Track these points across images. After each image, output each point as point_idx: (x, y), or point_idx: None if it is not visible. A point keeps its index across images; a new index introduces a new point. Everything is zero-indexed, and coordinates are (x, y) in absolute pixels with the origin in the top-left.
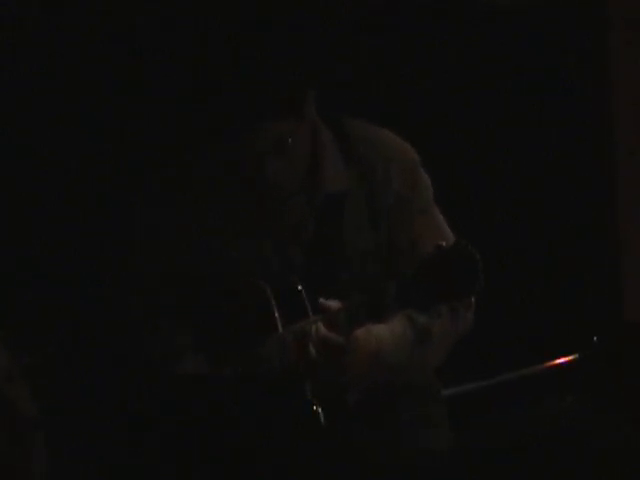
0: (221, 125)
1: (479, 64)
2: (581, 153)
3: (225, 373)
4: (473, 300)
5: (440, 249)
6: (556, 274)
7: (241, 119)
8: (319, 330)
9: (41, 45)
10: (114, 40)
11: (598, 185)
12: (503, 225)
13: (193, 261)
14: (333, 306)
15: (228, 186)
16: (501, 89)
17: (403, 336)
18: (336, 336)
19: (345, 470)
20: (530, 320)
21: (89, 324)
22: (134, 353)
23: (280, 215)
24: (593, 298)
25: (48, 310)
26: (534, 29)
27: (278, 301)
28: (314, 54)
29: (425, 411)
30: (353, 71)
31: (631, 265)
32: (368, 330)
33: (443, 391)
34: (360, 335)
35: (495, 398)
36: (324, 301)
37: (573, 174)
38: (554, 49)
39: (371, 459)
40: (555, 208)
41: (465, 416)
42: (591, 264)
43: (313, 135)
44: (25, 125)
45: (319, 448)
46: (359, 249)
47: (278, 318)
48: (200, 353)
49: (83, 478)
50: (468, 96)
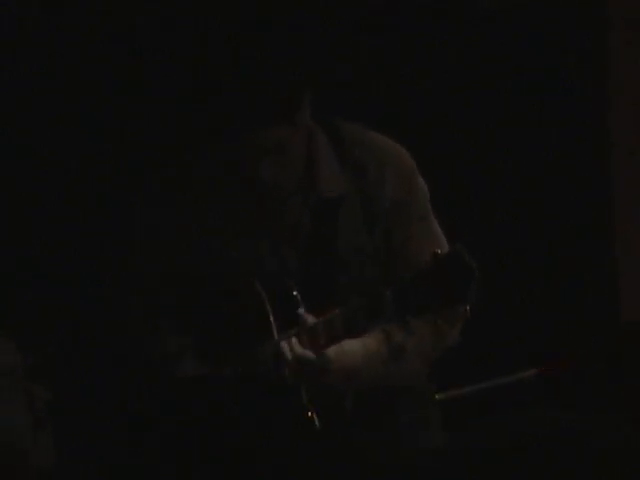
0: (221, 126)
1: (478, 64)
2: (580, 153)
3: (223, 374)
4: (467, 311)
5: (436, 256)
6: (555, 275)
7: (240, 120)
8: (293, 346)
9: (40, 45)
10: (114, 40)
11: (597, 185)
12: (501, 227)
13: (193, 261)
14: (309, 320)
15: (227, 186)
16: (500, 89)
17: (377, 353)
18: (308, 353)
19: (343, 472)
20: (528, 321)
21: (89, 324)
22: (134, 353)
23: (278, 216)
24: (592, 299)
25: (48, 310)
26: (534, 29)
27: (274, 305)
28: (311, 56)
29: (423, 413)
30: (349, 73)
31: (629, 265)
32: (341, 347)
33: (446, 392)
34: (333, 353)
35: (494, 400)
36: (304, 313)
37: (572, 174)
38: (554, 49)
39: (369, 461)
40: (554, 209)
41: (464, 418)
42: (590, 265)
43: (309, 138)
44: (25, 125)
45: (316, 451)
46: (354, 252)
47: (273, 322)
48: (198, 354)
49: (83, 478)
50: (467, 97)
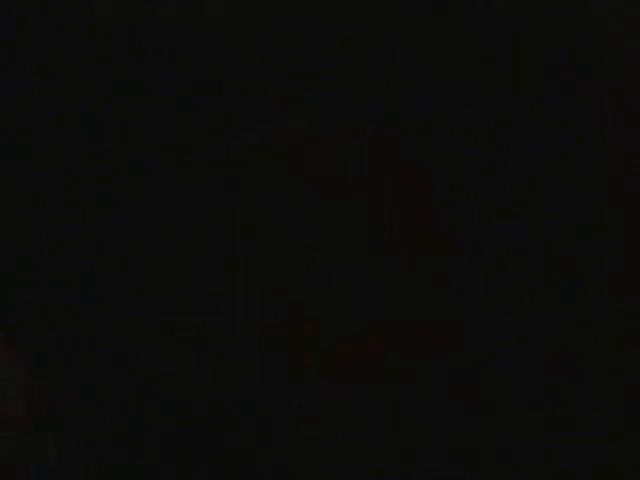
0: (221, 126)
1: (475, 62)
2: (579, 151)
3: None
4: None
5: None
6: (556, 274)
7: (241, 121)
8: None
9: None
10: (113, 40)
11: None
12: (502, 227)
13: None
14: None
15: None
16: (498, 87)
17: None
18: None
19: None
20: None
21: (89, 324)
22: (133, 352)
23: None
24: (592, 298)
25: (48, 310)
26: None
27: None
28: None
29: None
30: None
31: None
32: None
33: None
34: None
35: None
36: None
37: (572, 174)
38: (552, 48)
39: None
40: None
41: None
42: (591, 264)
43: None
44: (20, 125)
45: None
46: None
47: None
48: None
49: (84, 478)
50: (464, 95)
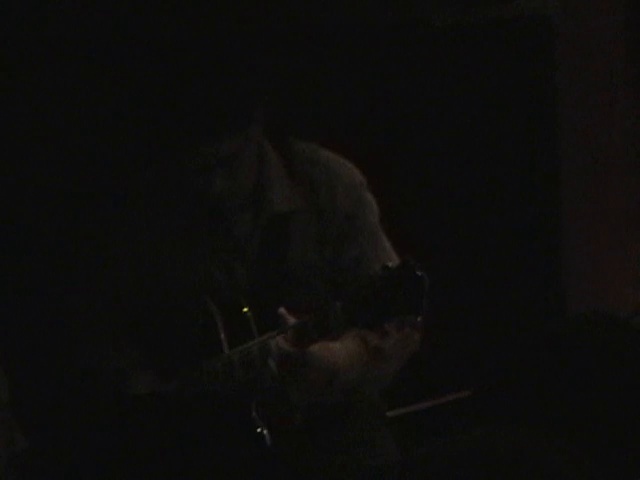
0: (170, 141)
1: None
2: (527, 158)
3: (171, 391)
4: (420, 320)
5: (387, 269)
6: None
7: (189, 135)
8: (280, 344)
9: None
10: (61, 55)
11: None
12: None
13: (142, 277)
14: (290, 320)
15: (177, 200)
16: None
17: (357, 354)
18: (297, 350)
19: None
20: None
21: (39, 342)
22: (83, 369)
23: (227, 233)
24: (537, 301)
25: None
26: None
27: (224, 321)
28: (263, 74)
29: (375, 429)
30: (300, 92)
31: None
32: (324, 346)
33: (397, 409)
34: (316, 351)
35: (443, 418)
36: (285, 312)
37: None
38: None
39: (320, 478)
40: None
41: (416, 435)
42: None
43: (260, 154)
44: None
45: (266, 468)
46: (306, 268)
47: (224, 338)
48: (148, 369)
49: (54, 461)
50: (418, 111)
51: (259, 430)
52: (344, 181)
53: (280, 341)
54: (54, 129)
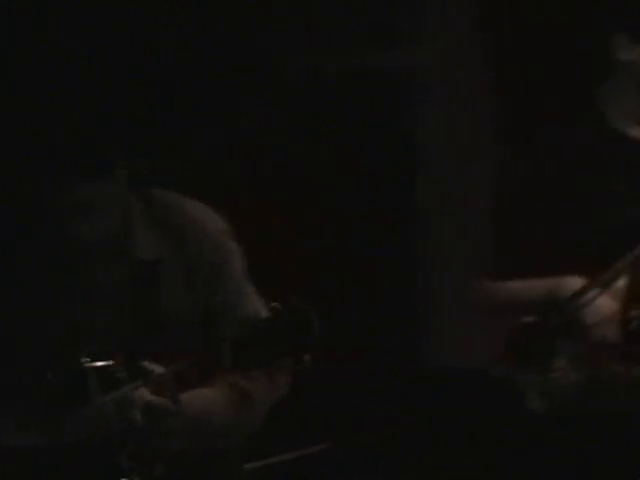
0: (30, 186)
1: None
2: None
3: (41, 442)
4: (307, 360)
5: (274, 309)
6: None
7: (50, 180)
8: (142, 394)
9: None
10: None
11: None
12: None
13: (7, 325)
14: (156, 369)
15: (40, 245)
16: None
17: (228, 399)
18: (161, 399)
19: None
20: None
21: None
22: None
23: (95, 281)
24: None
25: None
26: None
27: (92, 370)
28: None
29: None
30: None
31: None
32: (194, 394)
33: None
34: (186, 398)
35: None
36: (148, 364)
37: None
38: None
39: None
40: None
41: None
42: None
43: (123, 202)
44: None
45: None
46: (177, 314)
47: (95, 386)
48: (18, 422)
49: None
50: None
51: None
52: (208, 228)
53: (143, 391)
54: None
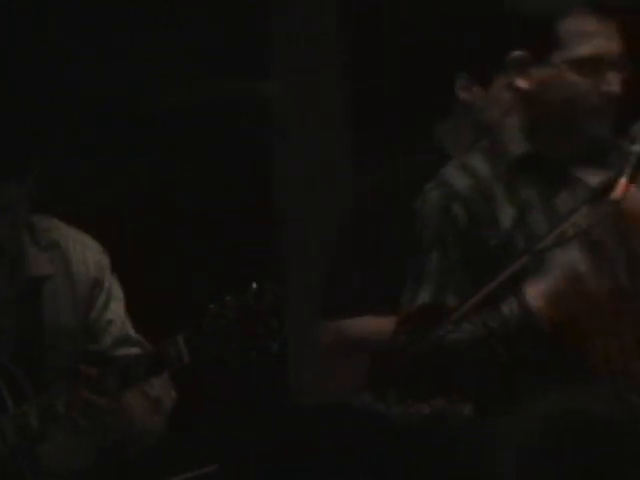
0: None
1: None
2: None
3: None
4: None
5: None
6: None
7: None
8: (80, 393)
9: None
10: None
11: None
12: None
13: None
14: (93, 372)
15: None
16: None
17: (148, 403)
18: (95, 397)
19: None
20: None
21: None
22: None
23: None
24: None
25: None
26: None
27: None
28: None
29: None
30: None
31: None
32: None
33: None
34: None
35: None
36: (85, 368)
37: None
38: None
39: None
40: None
41: None
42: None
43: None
44: None
45: None
46: (60, 331)
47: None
48: None
49: None
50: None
51: None
52: (92, 248)
53: (83, 390)
54: None
